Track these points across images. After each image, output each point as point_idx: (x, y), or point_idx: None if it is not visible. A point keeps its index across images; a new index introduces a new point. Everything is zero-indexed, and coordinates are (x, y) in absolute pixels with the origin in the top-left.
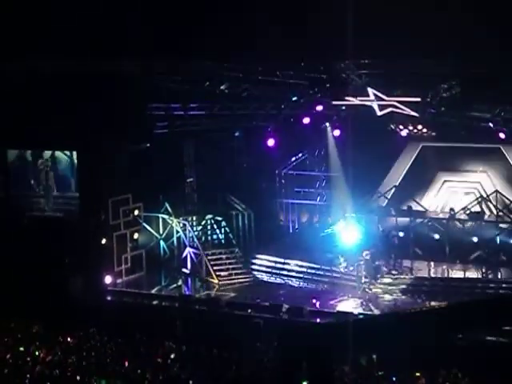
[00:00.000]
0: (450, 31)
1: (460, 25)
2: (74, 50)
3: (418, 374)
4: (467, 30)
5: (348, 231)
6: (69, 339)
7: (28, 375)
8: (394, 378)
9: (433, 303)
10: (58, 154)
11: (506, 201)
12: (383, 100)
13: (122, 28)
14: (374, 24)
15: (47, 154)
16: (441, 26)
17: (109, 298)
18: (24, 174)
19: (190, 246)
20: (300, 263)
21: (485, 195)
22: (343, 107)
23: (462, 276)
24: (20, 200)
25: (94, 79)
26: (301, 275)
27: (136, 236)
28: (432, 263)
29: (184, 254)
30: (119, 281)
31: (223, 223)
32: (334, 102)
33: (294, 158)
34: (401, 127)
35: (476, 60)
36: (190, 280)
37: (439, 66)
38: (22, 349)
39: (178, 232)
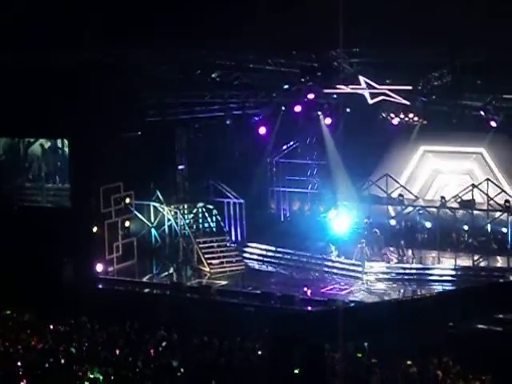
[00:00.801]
0: (441, 20)
1: (451, 13)
2: (66, 40)
3: (409, 363)
4: (458, 18)
5: (339, 219)
6: (60, 327)
7: (19, 363)
8: (384, 366)
9: (424, 291)
10: (49, 145)
11: (497, 189)
12: (375, 88)
13: (116, 17)
14: (365, 12)
15: (38, 145)
16: (432, 15)
17: (100, 286)
18: (15, 166)
19: (182, 235)
20: (291, 251)
21: (476, 183)
22: (335, 95)
23: (452, 264)
24: (11, 191)
25: (86, 68)
26: (292, 263)
27: (127, 224)
28: (423, 251)
29: (175, 243)
30: (110, 269)
31: (214, 211)
32: (326, 90)
33: (285, 146)
34: (392, 115)
35: (467, 48)
36: (181, 268)
37: (430, 55)
38: (13, 337)
39: (169, 220)
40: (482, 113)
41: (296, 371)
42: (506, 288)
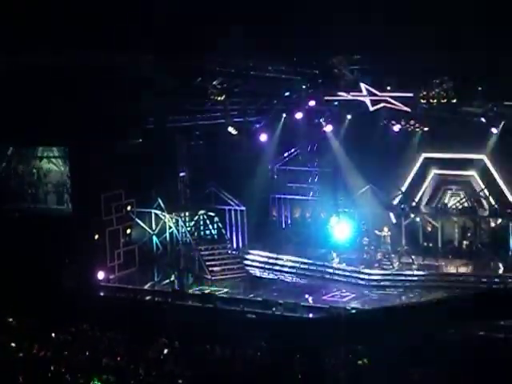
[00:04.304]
0: (443, 26)
1: (452, 19)
2: (67, 44)
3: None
4: (459, 24)
5: (340, 226)
6: (61, 335)
7: (21, 371)
8: (386, 373)
9: (425, 298)
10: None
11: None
12: (375, 95)
13: (116, 23)
14: (366, 19)
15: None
16: (433, 21)
17: (101, 294)
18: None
19: (183, 242)
20: (293, 258)
21: (477, 190)
22: (336, 102)
23: (454, 271)
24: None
25: (86, 74)
26: (293, 270)
27: (129, 231)
28: (424, 258)
29: (177, 250)
30: (112, 276)
31: (216, 218)
32: (327, 98)
33: (286, 154)
34: (393, 122)
35: (468, 55)
36: (182, 275)
37: (431, 61)
38: (13, 345)
39: (170, 227)
40: (483, 119)
41: (298, 378)
42: (507, 295)
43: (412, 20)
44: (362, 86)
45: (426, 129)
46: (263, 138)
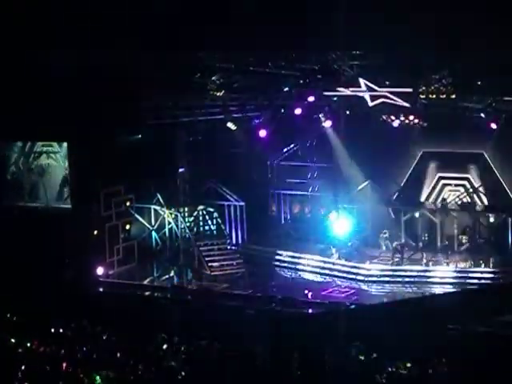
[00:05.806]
0: (442, 21)
1: (451, 15)
2: (69, 41)
3: (408, 365)
4: (458, 20)
5: (340, 222)
6: (61, 330)
7: (20, 367)
8: (385, 367)
9: (424, 294)
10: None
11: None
12: (375, 91)
13: (115, 19)
14: (366, 15)
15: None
16: (432, 17)
17: (101, 289)
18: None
19: (182, 238)
20: (292, 254)
21: (476, 185)
22: (335, 98)
23: (453, 266)
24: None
25: (86, 70)
26: (293, 266)
27: (128, 227)
28: (423, 253)
29: (176, 246)
30: (111, 272)
31: (215, 214)
32: (326, 93)
33: (285, 149)
34: (392, 118)
35: (467, 51)
36: (181, 271)
37: (431, 57)
38: (13, 341)
39: (169, 223)
40: (483, 115)
41: (297, 374)
42: (505, 290)
43: (411, 15)
44: (361, 81)
45: (425, 124)
46: (262, 133)
